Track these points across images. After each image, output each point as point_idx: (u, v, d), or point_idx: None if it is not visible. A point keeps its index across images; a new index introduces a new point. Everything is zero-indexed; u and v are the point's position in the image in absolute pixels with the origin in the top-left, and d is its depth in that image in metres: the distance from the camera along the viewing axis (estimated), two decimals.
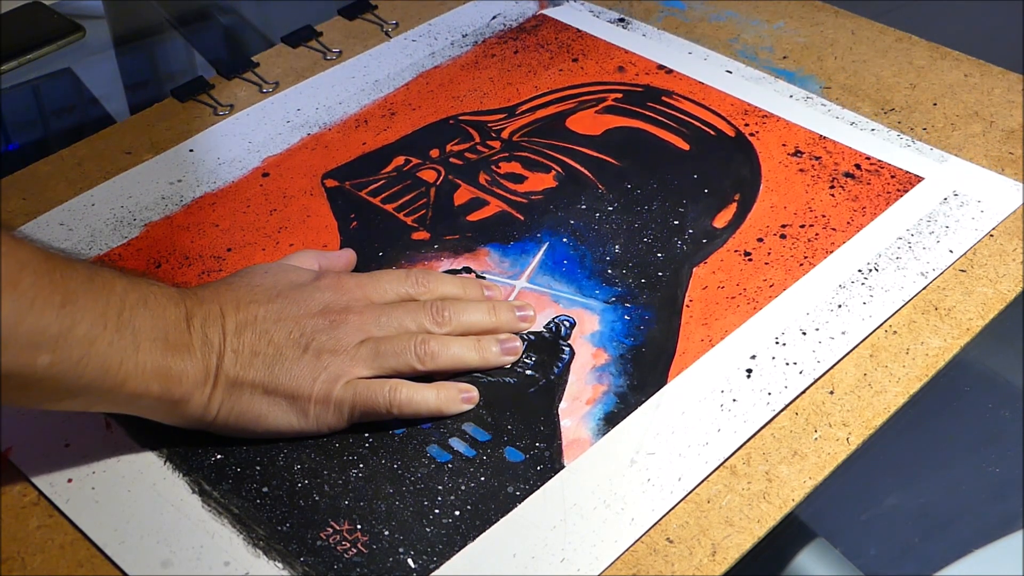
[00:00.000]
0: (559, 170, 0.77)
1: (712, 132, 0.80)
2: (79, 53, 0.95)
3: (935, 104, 0.81)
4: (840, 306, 0.66)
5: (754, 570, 0.58)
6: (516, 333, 0.65)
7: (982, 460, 0.68)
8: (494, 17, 0.93)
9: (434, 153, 0.79)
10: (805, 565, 0.65)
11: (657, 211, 0.73)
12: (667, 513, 0.56)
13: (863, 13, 0.92)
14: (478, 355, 0.63)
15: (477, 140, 0.80)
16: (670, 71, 0.85)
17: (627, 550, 0.55)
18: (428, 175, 0.77)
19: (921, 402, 0.63)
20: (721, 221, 0.72)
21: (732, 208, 0.73)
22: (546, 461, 0.58)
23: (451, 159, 0.78)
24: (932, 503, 0.66)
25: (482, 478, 0.58)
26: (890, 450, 0.65)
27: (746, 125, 0.80)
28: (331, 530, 0.56)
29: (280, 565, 0.54)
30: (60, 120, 0.94)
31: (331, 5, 0.95)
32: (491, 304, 0.65)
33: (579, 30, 0.91)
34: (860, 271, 0.68)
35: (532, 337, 0.65)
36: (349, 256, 0.69)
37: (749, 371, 0.63)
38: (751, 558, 0.55)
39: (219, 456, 0.59)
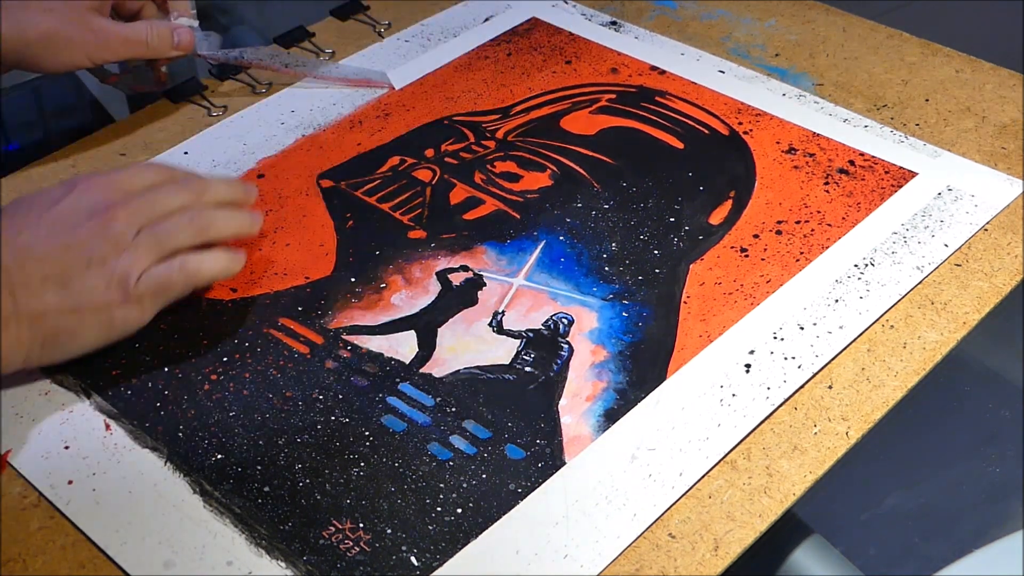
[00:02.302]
0: (554, 169, 0.77)
1: (706, 131, 0.80)
2: None
3: (927, 100, 0.82)
4: (837, 301, 0.66)
5: (750, 568, 0.58)
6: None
7: (982, 460, 0.68)
8: (487, 19, 0.93)
9: (429, 153, 0.79)
10: (800, 561, 0.66)
11: (653, 208, 0.73)
12: (669, 508, 0.56)
13: (861, 14, 0.92)
14: (240, 222, 0.67)
15: (472, 140, 0.80)
16: (663, 72, 0.86)
17: (630, 546, 0.55)
18: (423, 175, 0.77)
19: (921, 403, 0.63)
20: (717, 218, 0.73)
21: (728, 205, 0.74)
22: (547, 458, 0.59)
23: (446, 159, 0.78)
24: (932, 503, 0.67)
25: (483, 475, 0.58)
26: (890, 450, 0.65)
27: (740, 124, 0.80)
28: (333, 529, 0.56)
29: (283, 564, 0.54)
30: (60, 120, 0.94)
31: (323, 6, 0.95)
32: (201, 181, 0.67)
33: (572, 33, 0.91)
34: (856, 266, 0.69)
35: (531, 335, 0.65)
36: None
37: (748, 366, 0.63)
38: (747, 556, 0.56)
39: (220, 456, 0.59)
